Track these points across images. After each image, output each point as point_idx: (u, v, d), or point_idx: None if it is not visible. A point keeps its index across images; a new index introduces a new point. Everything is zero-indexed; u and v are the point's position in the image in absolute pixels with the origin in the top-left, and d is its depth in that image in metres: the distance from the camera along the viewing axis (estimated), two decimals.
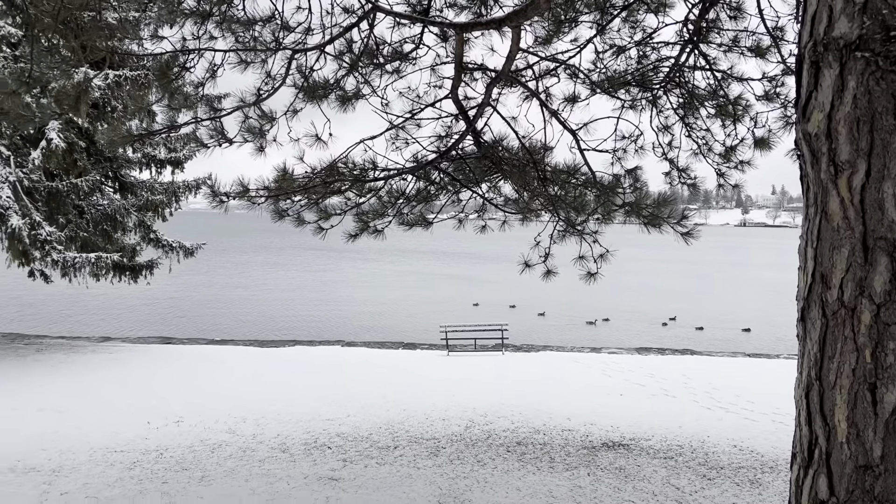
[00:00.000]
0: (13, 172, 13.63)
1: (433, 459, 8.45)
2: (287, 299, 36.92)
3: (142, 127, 6.98)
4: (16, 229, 13.13)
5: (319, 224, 7.95)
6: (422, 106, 7.39)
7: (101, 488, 6.71)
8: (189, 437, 9.51)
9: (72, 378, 14.15)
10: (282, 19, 6.55)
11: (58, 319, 27.85)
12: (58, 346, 18.28)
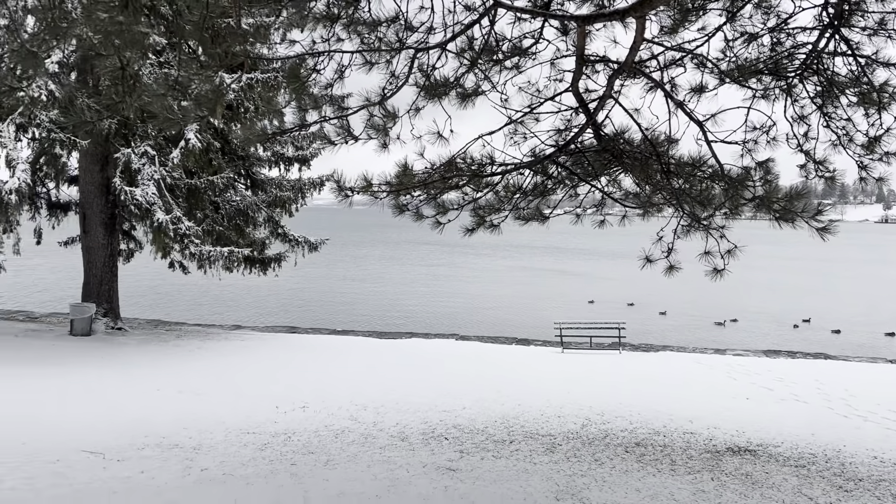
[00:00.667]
0: (157, 171, 14.77)
1: (549, 455, 8.43)
2: (402, 292, 37.82)
3: (274, 126, 7.34)
4: (160, 223, 14.23)
5: (437, 218, 8.08)
6: (541, 100, 7.37)
7: (237, 466, 7.17)
8: (314, 423, 9.98)
9: (207, 363, 15.16)
10: (405, 19, 6.72)
11: (192, 308, 29.90)
12: (195, 333, 19.64)
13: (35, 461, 6.94)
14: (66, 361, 14.03)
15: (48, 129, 13.92)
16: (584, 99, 6.92)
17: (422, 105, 7.24)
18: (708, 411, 11.65)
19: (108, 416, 9.77)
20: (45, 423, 8.91)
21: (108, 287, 18.53)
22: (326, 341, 19.89)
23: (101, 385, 11.94)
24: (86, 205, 18.06)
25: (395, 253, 66.97)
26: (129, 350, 15.96)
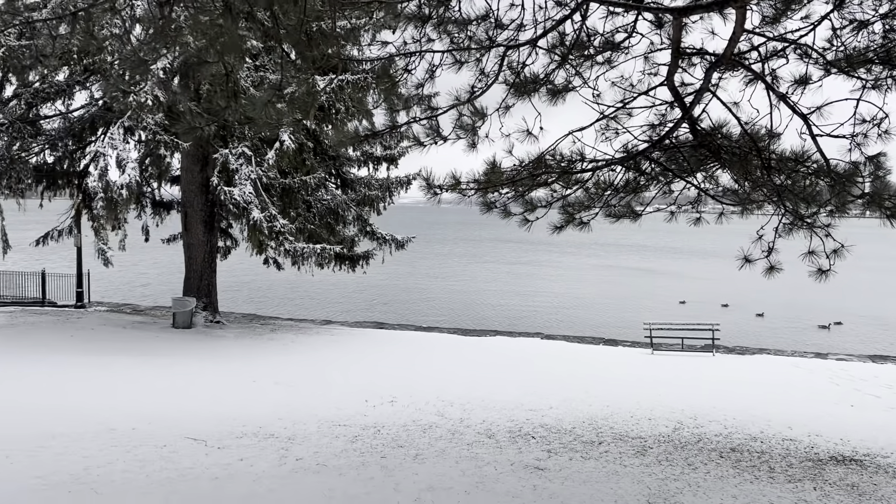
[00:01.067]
0: (254, 171, 15.36)
1: (640, 458, 8.25)
2: (485, 290, 37.85)
3: (364, 127, 7.51)
4: (256, 221, 14.80)
5: (525, 216, 8.05)
6: (634, 95, 7.21)
7: (329, 457, 7.38)
8: (402, 417, 10.14)
9: (300, 356, 15.66)
10: (496, 17, 6.72)
11: (283, 302, 30.92)
12: (288, 327, 20.32)
13: (144, 446, 7.36)
14: (170, 353, 14.80)
15: (154, 131, 14.73)
16: (679, 93, 6.72)
17: (511, 103, 7.22)
18: (808, 417, 11.11)
19: (209, 405, 10.26)
20: (153, 411, 9.44)
21: (208, 282, 19.42)
22: (412, 337, 20.15)
23: (202, 376, 12.53)
24: (187, 203, 18.99)
25: (479, 250, 67.13)
26: (227, 343, 16.67)
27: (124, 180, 13.66)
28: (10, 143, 15.76)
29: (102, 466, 6.47)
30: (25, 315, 19.40)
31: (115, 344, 15.56)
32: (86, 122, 17.52)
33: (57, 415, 8.74)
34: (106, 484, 5.92)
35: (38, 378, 11.17)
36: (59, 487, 5.77)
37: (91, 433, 7.80)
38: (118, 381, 11.52)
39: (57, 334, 16.32)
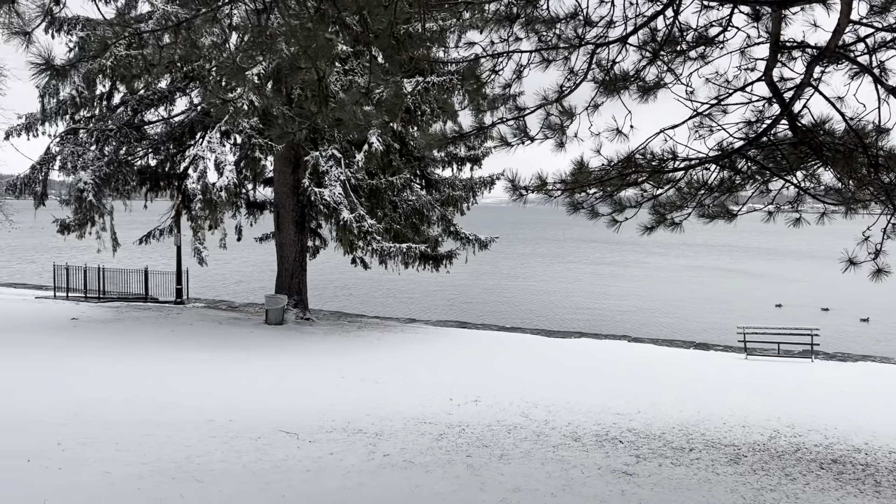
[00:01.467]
0: (343, 172, 15.75)
1: (733, 467, 7.96)
2: (569, 291, 37.40)
3: (451, 129, 7.55)
4: (346, 221, 15.17)
5: (613, 216, 7.92)
6: (730, 91, 6.97)
7: (416, 454, 7.48)
8: (487, 417, 10.16)
9: (386, 354, 15.93)
10: (585, 15, 6.64)
11: (366, 300, 31.53)
12: (374, 325, 20.72)
13: (240, 437, 7.68)
14: (263, 348, 15.36)
15: (249, 135, 15.33)
16: (778, 88, 6.46)
17: (600, 101, 7.11)
18: None
19: (300, 399, 10.58)
20: (247, 404, 9.83)
21: (298, 280, 20.04)
22: (495, 337, 20.16)
23: (293, 371, 12.94)
24: (279, 204, 19.66)
25: (562, 251, 66.36)
26: (316, 339, 17.16)
27: (223, 182, 14.29)
28: (118, 147, 16.74)
29: (202, 456, 6.79)
30: (130, 310, 20.57)
31: (212, 339, 16.29)
32: (185, 127, 18.41)
33: (160, 405, 9.23)
34: (206, 472, 6.22)
35: (144, 371, 11.83)
36: (164, 474, 6.09)
37: (192, 424, 8.20)
38: (215, 375, 12.05)
39: (159, 329, 17.23)
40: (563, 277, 44.04)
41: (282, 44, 5.71)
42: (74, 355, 12.91)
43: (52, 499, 5.21)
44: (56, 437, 7.13)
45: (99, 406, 8.86)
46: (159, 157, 19.31)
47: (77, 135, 16.78)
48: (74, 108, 16.18)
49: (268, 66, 12.40)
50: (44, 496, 5.25)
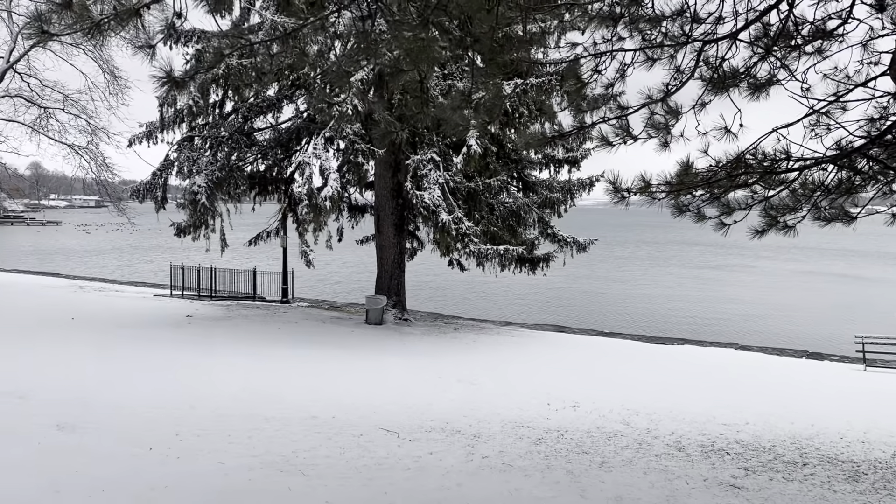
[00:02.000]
0: (441, 175, 15.93)
1: (852, 485, 7.48)
2: (671, 296, 36.23)
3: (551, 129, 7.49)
4: (445, 223, 15.34)
5: (721, 219, 7.64)
6: (850, 87, 6.57)
7: (515, 458, 7.47)
8: (586, 423, 10.00)
9: (482, 356, 15.98)
10: (692, 12, 6.43)
11: (459, 302, 31.66)
12: (470, 327, 20.83)
13: (343, 434, 7.91)
14: (363, 347, 15.76)
15: (352, 140, 15.78)
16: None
17: (708, 99, 6.88)
18: None
19: (399, 397, 10.78)
20: (349, 401, 10.10)
21: (397, 281, 20.43)
22: (593, 342, 19.82)
23: (393, 370, 13.20)
24: (379, 207, 20.12)
25: (661, 254, 64.41)
26: (414, 339, 17.43)
27: (327, 191, 14.78)
28: (230, 153, 17.61)
29: (307, 451, 7.03)
30: (240, 308, 21.58)
31: (315, 337, 16.86)
32: (292, 133, 19.15)
33: (267, 400, 9.64)
34: (311, 467, 6.44)
35: (253, 366, 12.38)
36: (272, 466, 6.36)
37: (297, 419, 8.51)
38: (318, 372, 12.47)
39: (266, 327, 17.99)
40: (664, 281, 42.73)
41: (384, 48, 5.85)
42: (189, 350, 13.68)
43: (172, 485, 5.54)
44: (174, 427, 7.58)
45: (212, 399, 9.34)
46: (267, 162, 20.16)
47: (193, 142, 17.80)
48: (191, 117, 17.16)
49: (369, 72, 12.73)
50: (164, 483, 5.59)
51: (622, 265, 52.23)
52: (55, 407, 8.11)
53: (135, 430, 7.37)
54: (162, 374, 10.98)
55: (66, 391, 8.95)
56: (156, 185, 18.04)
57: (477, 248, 16.01)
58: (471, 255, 16.42)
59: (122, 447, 6.61)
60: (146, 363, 11.78)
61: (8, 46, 24.63)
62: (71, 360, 11.49)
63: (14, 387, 8.85)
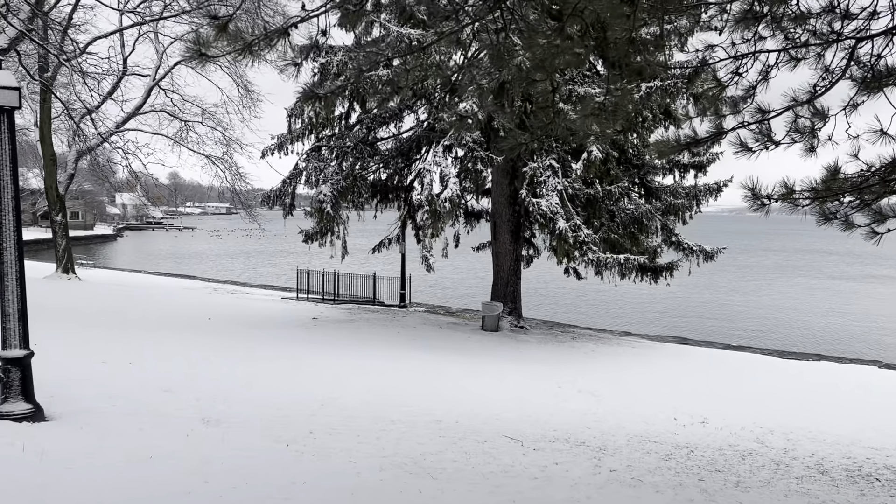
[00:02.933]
0: (560, 182, 15.78)
1: None
2: (799, 308, 34.05)
3: (686, 135, 7.24)
4: (562, 231, 15.19)
5: (873, 227, 7.13)
6: None
7: (644, 473, 7.26)
8: (716, 440, 9.58)
9: (602, 366, 15.67)
10: (843, 8, 6.06)
11: (570, 310, 31.12)
12: (587, 336, 20.47)
13: (468, 439, 7.97)
14: (481, 353, 15.84)
15: (471, 148, 15.94)
16: None
17: (860, 100, 6.45)
18: None
19: (518, 405, 10.74)
20: (470, 406, 10.18)
21: (513, 289, 20.40)
22: (719, 356, 18.95)
23: (511, 377, 13.18)
24: (496, 214, 20.18)
25: (789, 263, 60.72)
26: (531, 347, 17.34)
27: (447, 194, 15.01)
28: (354, 162, 18.24)
29: (434, 454, 7.14)
30: (361, 312, 22.27)
31: (434, 341, 17.12)
32: (412, 142, 19.59)
33: (392, 402, 9.87)
34: (439, 470, 6.53)
35: (376, 368, 12.72)
36: (401, 468, 6.50)
37: (421, 422, 8.66)
38: (439, 376, 12.63)
39: (387, 330, 18.47)
40: (797, 293, 40.21)
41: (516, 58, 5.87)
42: (317, 351, 14.27)
43: (309, 482, 5.78)
44: (307, 425, 7.92)
45: (340, 399, 9.68)
46: (388, 170, 20.72)
47: (320, 152, 18.58)
48: (318, 128, 17.92)
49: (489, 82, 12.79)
50: (303, 479, 5.84)
51: (746, 274, 49.66)
52: (199, 402, 8.67)
53: (272, 426, 7.75)
54: (292, 373, 11.50)
55: (209, 387, 9.55)
56: (285, 193, 18.97)
57: (596, 257, 15.72)
58: (589, 263, 16.15)
59: (262, 441, 6.97)
60: (278, 363, 12.36)
61: (153, 65, 26.76)
62: (211, 357, 12.25)
63: (163, 382, 9.54)
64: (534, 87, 5.98)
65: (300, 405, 9.06)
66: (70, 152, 26.69)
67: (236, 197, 27.55)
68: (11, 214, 6.65)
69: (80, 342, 12.40)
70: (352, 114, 19.97)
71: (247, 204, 27.94)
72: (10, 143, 6.65)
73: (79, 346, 11.86)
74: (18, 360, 6.71)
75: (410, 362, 13.75)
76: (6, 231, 6.63)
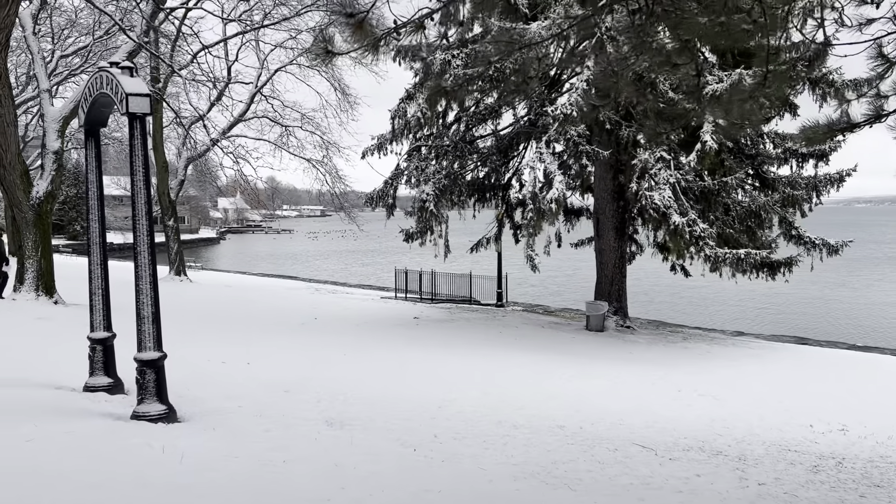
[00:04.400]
0: (672, 174, 15.06)
1: None
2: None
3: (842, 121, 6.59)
4: (678, 226, 14.48)
5: None
6: None
7: (796, 487, 6.67)
8: (863, 449, 8.80)
9: (718, 368, 14.84)
10: None
11: (663, 307, 29.76)
12: (699, 337, 19.55)
13: (597, 447, 7.59)
14: (590, 354, 15.33)
15: (575, 142, 15.45)
16: None
17: None
18: None
19: (636, 410, 10.19)
20: (590, 410, 9.76)
21: (618, 287, 19.75)
22: (847, 357, 17.70)
23: (624, 380, 12.62)
24: (598, 210, 19.57)
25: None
26: (641, 348, 16.67)
27: (553, 194, 14.58)
28: (453, 161, 18.08)
29: (566, 463, 6.81)
30: (460, 311, 22.14)
31: (538, 342, 16.73)
32: (511, 139, 19.26)
33: (509, 405, 9.57)
34: (575, 481, 6.19)
35: (485, 369, 12.48)
36: (535, 477, 6.20)
37: (545, 428, 8.34)
38: (549, 377, 12.23)
39: (489, 330, 18.22)
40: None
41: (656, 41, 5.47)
42: (423, 350, 14.16)
43: (445, 489, 5.57)
44: (430, 428, 7.74)
45: (456, 402, 9.47)
46: (486, 168, 20.46)
47: (420, 151, 18.54)
48: (418, 128, 17.85)
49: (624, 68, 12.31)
50: (437, 486, 5.63)
51: (854, 268, 46.24)
52: (319, 403, 8.67)
53: (395, 428, 7.62)
54: (402, 373, 11.42)
55: (326, 387, 9.56)
56: (387, 193, 19.06)
57: (714, 252, 14.91)
58: (706, 259, 15.33)
59: (388, 445, 6.84)
60: (387, 363, 12.33)
61: (255, 72, 27.57)
62: (324, 357, 12.35)
63: (281, 382, 9.62)
64: (675, 71, 5.55)
65: (418, 407, 8.91)
66: (181, 159, 27.87)
67: (336, 199, 28.02)
68: (145, 219, 6.79)
69: (199, 342, 12.76)
70: (449, 112, 19.81)
71: (346, 205, 28.38)
72: (143, 148, 6.78)
73: (199, 347, 12.20)
74: (153, 361, 6.83)
75: (518, 363, 13.42)
76: (140, 236, 6.77)
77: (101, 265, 7.88)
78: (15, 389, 7.37)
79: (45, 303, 13.95)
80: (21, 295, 13.86)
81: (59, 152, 14.67)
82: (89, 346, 7.83)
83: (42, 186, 14.19)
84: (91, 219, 7.85)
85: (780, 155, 18.58)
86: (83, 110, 7.58)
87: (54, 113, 14.72)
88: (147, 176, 6.84)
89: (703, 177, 15.80)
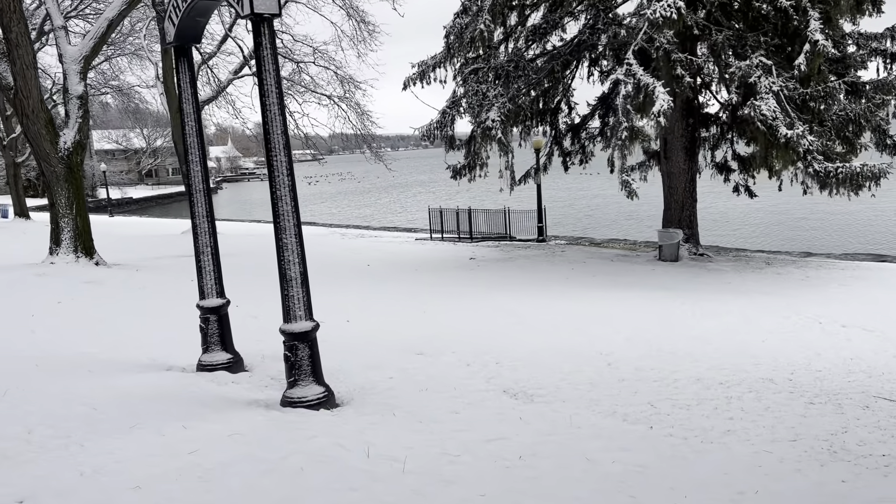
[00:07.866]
0: (776, 82, 13.38)
1: None
2: None
3: None
4: (789, 139, 12.91)
5: None
6: None
7: None
8: None
9: (834, 294, 13.43)
10: None
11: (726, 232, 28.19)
12: (781, 262, 18.24)
13: (846, 406, 6.21)
14: (686, 287, 13.94)
15: (667, 50, 13.68)
16: None
17: None
18: None
19: (813, 353, 8.74)
20: (766, 357, 8.35)
21: (689, 213, 18.31)
22: None
23: (753, 314, 11.19)
24: (667, 130, 17.87)
25: None
26: (734, 277, 15.32)
27: (661, 105, 12.83)
28: (516, 82, 16.30)
29: (839, 434, 5.42)
30: (512, 249, 20.72)
31: (621, 277, 15.33)
32: (567, 54, 17.32)
33: (677, 358, 8.12)
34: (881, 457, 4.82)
35: (599, 312, 11.05)
36: (837, 458, 4.83)
37: (750, 383, 6.90)
38: (676, 317, 10.80)
39: (556, 267, 16.82)
40: None
41: None
42: (510, 294, 12.67)
43: (761, 489, 4.17)
44: (629, 394, 6.33)
45: (613, 354, 8.04)
46: (535, 92, 18.62)
47: (476, 74, 16.68)
48: (472, 47, 15.95)
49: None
50: (754, 487, 4.22)
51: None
52: (468, 366, 7.26)
53: (593, 398, 6.19)
54: (522, 325, 9.93)
55: (458, 345, 8.11)
56: (445, 124, 17.26)
57: (823, 167, 13.39)
58: (814, 176, 13.81)
59: (612, 423, 5.44)
60: (492, 311, 10.85)
61: None
62: (414, 307, 10.88)
63: (406, 343, 8.15)
64: None
65: (585, 365, 7.45)
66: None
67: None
68: (283, 154, 5.15)
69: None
70: (496, 29, 17.83)
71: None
72: (274, 61, 5.09)
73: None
74: (305, 333, 5.35)
75: (632, 304, 11.94)
76: (279, 176, 5.15)
77: (208, 218, 6.27)
78: (130, 376, 5.90)
79: (86, 265, 12.33)
80: (59, 257, 12.22)
81: (83, 97, 12.76)
82: (200, 317, 6.33)
83: (70, 136, 12.35)
84: (192, 160, 6.21)
85: (863, 56, 16.86)
86: (172, 22, 5.84)
87: (73, 53, 12.73)
88: (281, 100, 5.18)
89: (806, 83, 14.03)
